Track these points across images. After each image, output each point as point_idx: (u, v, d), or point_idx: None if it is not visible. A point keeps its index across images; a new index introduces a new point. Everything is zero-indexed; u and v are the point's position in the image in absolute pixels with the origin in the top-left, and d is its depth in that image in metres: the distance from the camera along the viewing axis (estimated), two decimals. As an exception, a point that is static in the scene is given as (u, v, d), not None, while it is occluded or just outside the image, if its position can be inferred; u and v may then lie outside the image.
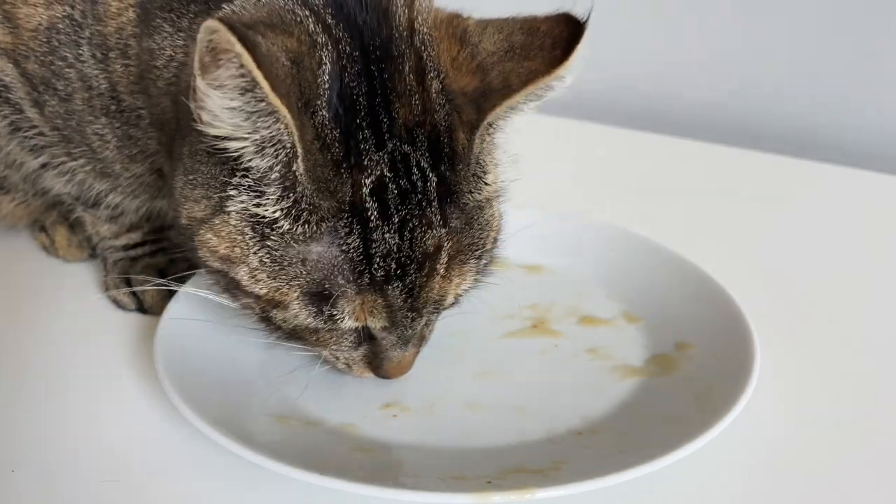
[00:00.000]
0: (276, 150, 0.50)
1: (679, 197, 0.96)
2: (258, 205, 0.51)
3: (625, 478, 0.50)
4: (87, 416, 0.61)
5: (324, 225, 0.51)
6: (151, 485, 0.55)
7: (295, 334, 0.56)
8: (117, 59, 0.61)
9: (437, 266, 0.54)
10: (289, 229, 0.51)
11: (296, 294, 0.53)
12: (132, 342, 0.69)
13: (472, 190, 0.55)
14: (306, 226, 0.51)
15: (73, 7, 0.61)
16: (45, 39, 0.62)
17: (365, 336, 0.57)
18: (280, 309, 0.54)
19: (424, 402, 0.61)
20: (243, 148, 0.50)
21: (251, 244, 0.52)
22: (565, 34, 0.53)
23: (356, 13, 0.53)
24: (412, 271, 0.53)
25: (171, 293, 0.68)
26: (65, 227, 0.81)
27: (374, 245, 0.51)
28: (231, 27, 0.45)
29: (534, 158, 0.62)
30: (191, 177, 0.55)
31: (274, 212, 0.51)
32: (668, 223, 0.83)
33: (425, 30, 0.54)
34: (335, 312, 0.53)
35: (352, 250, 0.51)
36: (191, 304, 0.66)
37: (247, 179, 0.52)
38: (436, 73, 0.53)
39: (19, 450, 0.58)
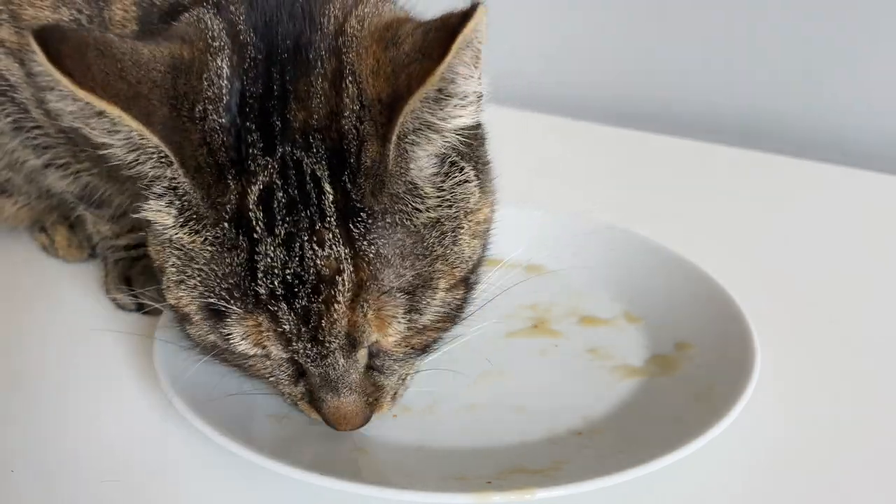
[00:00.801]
0: (144, 156, 0.48)
1: (679, 197, 0.96)
2: (153, 210, 0.50)
3: (625, 478, 0.50)
4: (87, 416, 0.61)
5: (209, 234, 0.49)
6: (151, 485, 0.55)
7: (223, 357, 0.54)
8: None
9: (336, 292, 0.48)
10: (178, 237, 0.50)
11: (195, 307, 0.51)
12: (132, 342, 0.68)
13: (396, 212, 0.49)
14: (194, 234, 0.49)
15: (80, 11, 0.61)
16: None
17: (301, 371, 0.54)
18: (189, 323, 0.52)
19: (425, 403, 0.61)
20: (112, 153, 0.49)
21: (164, 253, 0.52)
22: (454, 25, 0.46)
23: (277, 18, 0.51)
24: (302, 294, 0.48)
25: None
26: (65, 227, 0.81)
27: (258, 259, 0.48)
28: (36, 32, 0.45)
29: (533, 158, 0.62)
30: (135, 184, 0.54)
31: (165, 218, 0.50)
32: (668, 223, 0.83)
33: (354, 34, 0.51)
34: (227, 332, 0.50)
35: (236, 263, 0.48)
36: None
37: (143, 186, 0.50)
38: (353, 78, 0.49)
39: (19, 450, 0.58)
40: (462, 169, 0.53)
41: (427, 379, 0.61)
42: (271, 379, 0.55)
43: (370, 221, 0.49)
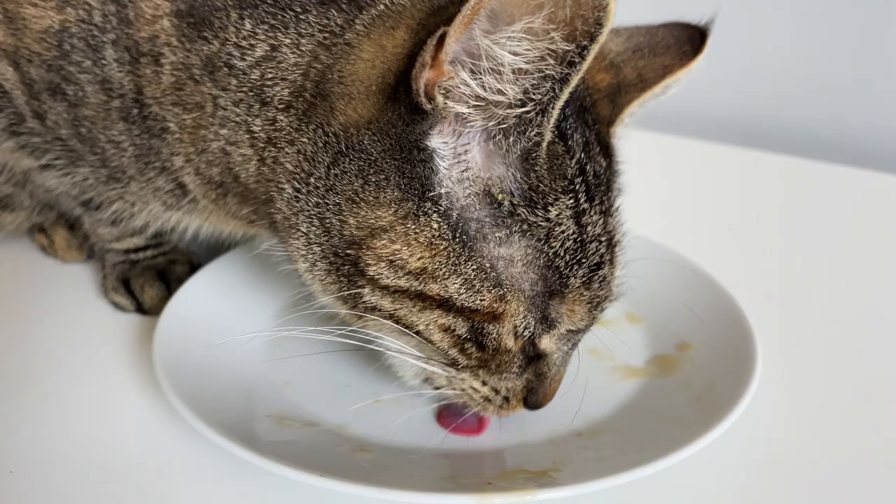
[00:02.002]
0: (544, 118, 0.46)
1: (679, 197, 0.96)
2: (490, 194, 0.48)
3: (625, 479, 0.50)
4: (87, 416, 0.61)
5: (552, 210, 0.49)
6: (151, 485, 0.55)
7: (488, 359, 0.53)
8: (148, 65, 0.58)
9: (617, 251, 0.54)
10: (524, 217, 0.49)
11: (521, 298, 0.50)
12: (132, 342, 0.68)
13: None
14: (539, 211, 0.49)
15: (89, 12, 0.58)
16: (55, 43, 0.60)
17: (532, 357, 0.54)
18: (498, 322, 0.50)
19: (426, 403, 0.61)
20: (523, 112, 0.46)
21: (466, 250, 0.49)
22: (686, 36, 0.57)
23: None
24: (607, 259, 0.52)
25: (171, 294, 0.68)
26: (64, 228, 0.81)
27: (586, 229, 0.50)
28: None
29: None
30: (374, 178, 0.49)
31: (507, 199, 0.48)
32: (668, 223, 0.83)
33: None
34: (553, 314, 0.51)
35: (570, 235, 0.50)
36: (190, 304, 0.66)
37: (471, 171, 0.48)
38: None
39: (19, 450, 0.58)
40: None
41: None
42: (505, 374, 0.54)
43: (616, 188, 0.55)
